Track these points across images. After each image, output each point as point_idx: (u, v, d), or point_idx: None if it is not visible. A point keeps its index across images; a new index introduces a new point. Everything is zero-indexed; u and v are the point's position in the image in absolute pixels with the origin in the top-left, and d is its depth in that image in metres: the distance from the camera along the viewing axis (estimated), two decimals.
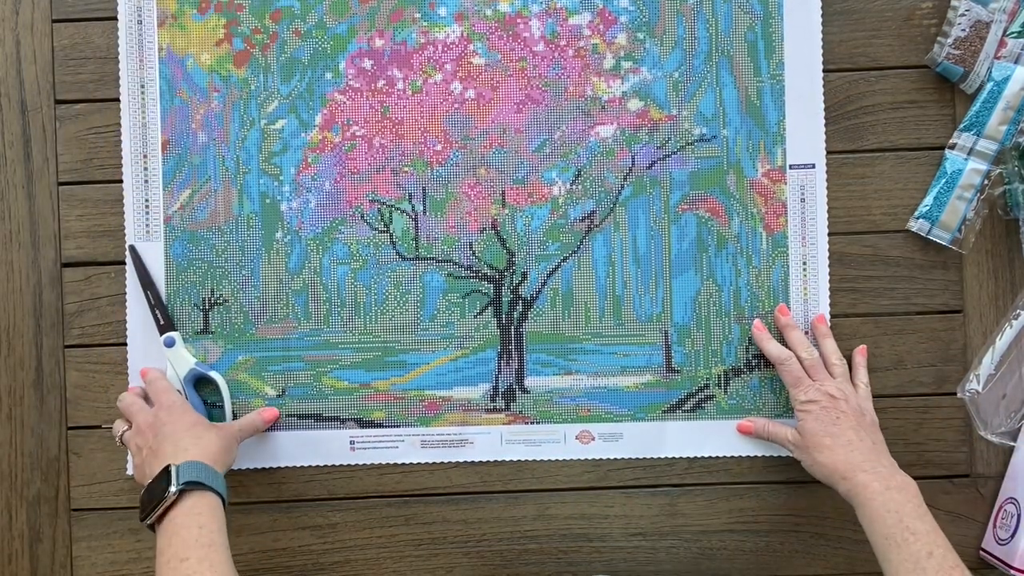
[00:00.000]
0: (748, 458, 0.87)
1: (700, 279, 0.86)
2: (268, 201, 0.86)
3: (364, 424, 0.86)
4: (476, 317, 0.86)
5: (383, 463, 0.86)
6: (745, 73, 0.86)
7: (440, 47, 0.86)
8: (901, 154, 0.87)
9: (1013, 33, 0.84)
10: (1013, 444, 0.85)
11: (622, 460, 0.87)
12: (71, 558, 0.86)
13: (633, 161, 0.86)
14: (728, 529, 0.87)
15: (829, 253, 0.86)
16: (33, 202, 0.86)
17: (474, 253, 0.86)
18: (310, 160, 0.86)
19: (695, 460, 0.87)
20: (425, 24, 0.86)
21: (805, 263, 0.86)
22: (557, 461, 0.87)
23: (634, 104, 0.86)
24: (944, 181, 0.85)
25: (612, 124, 0.86)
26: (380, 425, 0.86)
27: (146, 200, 0.86)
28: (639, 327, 0.86)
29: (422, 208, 0.86)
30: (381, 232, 0.86)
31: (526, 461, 0.87)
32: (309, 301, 0.86)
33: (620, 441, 0.86)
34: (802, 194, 0.86)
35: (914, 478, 0.75)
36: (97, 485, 0.86)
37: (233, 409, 0.85)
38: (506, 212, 0.86)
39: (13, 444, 0.86)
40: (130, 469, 0.85)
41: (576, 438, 0.86)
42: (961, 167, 0.85)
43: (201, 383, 0.85)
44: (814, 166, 0.86)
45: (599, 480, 0.87)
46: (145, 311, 0.85)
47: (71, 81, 0.86)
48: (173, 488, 0.70)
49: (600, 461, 0.87)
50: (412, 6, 0.86)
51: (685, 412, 0.86)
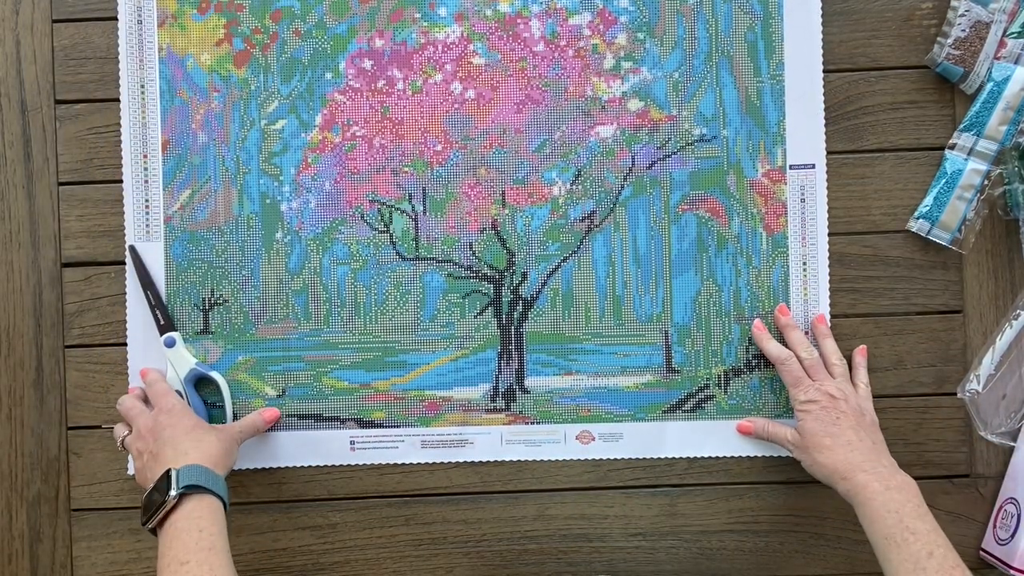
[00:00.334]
0: (748, 458, 0.87)
1: (700, 279, 0.86)
2: (268, 201, 0.86)
3: (364, 424, 0.86)
4: (476, 317, 0.86)
5: (383, 463, 0.86)
6: (745, 73, 0.86)
7: (440, 47, 0.86)
8: (901, 154, 0.87)
9: (1013, 33, 0.84)
10: (1013, 444, 0.85)
11: (622, 460, 0.87)
12: (71, 558, 0.86)
13: (633, 161, 0.86)
14: (728, 529, 0.87)
15: (829, 253, 0.86)
16: (33, 202, 0.86)
17: (474, 253, 0.86)
18: (310, 160, 0.86)
19: (695, 460, 0.87)
20: (425, 24, 0.86)
21: (805, 263, 0.86)
22: (557, 461, 0.87)
23: (634, 104, 0.86)
24: (944, 181, 0.85)
25: (612, 124, 0.86)
26: (380, 425, 0.86)
27: (146, 200, 0.86)
28: (639, 327, 0.86)
29: (422, 208, 0.86)
30: (381, 232, 0.86)
31: (526, 461, 0.87)
32: (309, 301, 0.86)
33: (620, 441, 0.86)
34: (802, 194, 0.86)
35: (914, 478, 0.75)
36: (97, 485, 0.86)
37: (234, 409, 0.85)
38: (506, 212, 0.86)
39: (13, 444, 0.86)
40: (131, 469, 0.85)
41: (576, 438, 0.86)
42: (961, 167, 0.85)
43: (201, 383, 0.85)
44: (814, 166, 0.86)
45: (599, 480, 0.87)
46: (145, 311, 0.85)
47: (71, 81, 0.86)
48: (173, 492, 0.70)
49: (600, 461, 0.87)
50: (412, 6, 0.85)
51: (685, 412, 0.86)
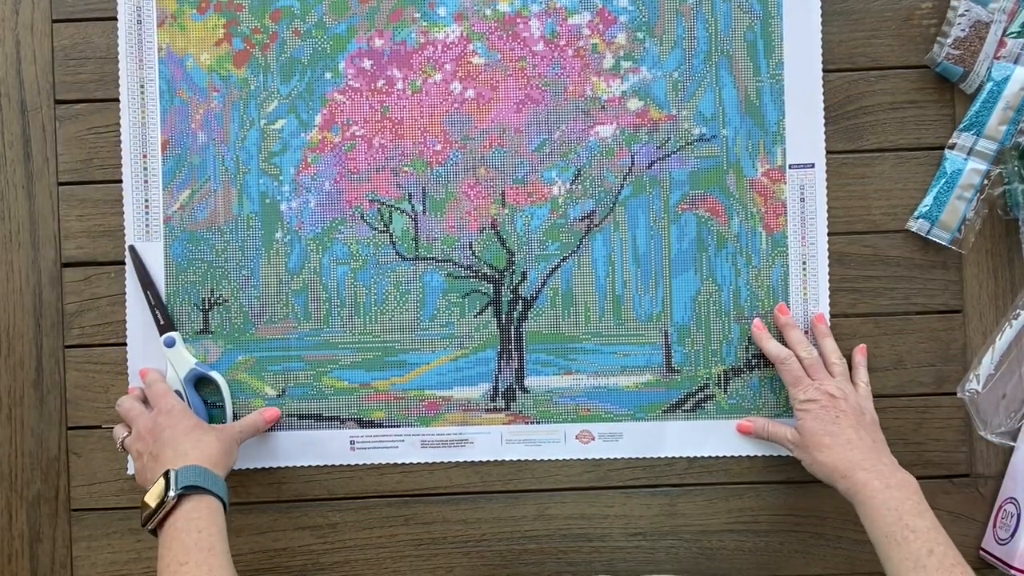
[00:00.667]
0: (748, 458, 0.87)
1: (700, 279, 0.86)
2: (268, 201, 0.86)
3: (364, 424, 0.86)
4: (476, 317, 0.86)
5: (383, 463, 0.86)
6: (744, 73, 0.86)
7: (440, 47, 0.86)
8: (901, 154, 0.87)
9: (1013, 33, 0.84)
10: (1013, 444, 0.85)
11: (622, 460, 0.87)
12: (71, 558, 0.86)
13: (633, 161, 0.86)
14: (728, 529, 0.87)
15: (829, 253, 0.86)
16: (33, 202, 0.86)
17: (474, 253, 0.86)
18: (310, 160, 0.86)
19: (695, 460, 0.87)
20: (425, 24, 0.86)
21: (805, 263, 0.86)
22: (557, 461, 0.87)
23: (634, 104, 0.86)
24: (944, 181, 0.85)
25: (612, 124, 0.86)
26: (380, 425, 0.86)
27: (146, 200, 0.86)
28: (639, 327, 0.86)
29: (422, 208, 0.86)
30: (381, 232, 0.86)
31: (526, 461, 0.87)
32: (309, 301, 0.86)
33: (620, 441, 0.86)
34: (802, 194, 0.86)
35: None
36: (97, 485, 0.86)
37: (233, 409, 0.85)
38: (506, 212, 0.86)
39: (13, 444, 0.86)
40: (131, 469, 0.85)
41: (576, 438, 0.86)
42: (961, 167, 0.85)
43: (201, 383, 0.85)
44: (814, 166, 0.86)
45: (599, 480, 0.87)
46: (145, 311, 0.85)
47: (71, 81, 0.86)
48: (171, 493, 0.70)
49: (600, 461, 0.87)
50: (412, 6, 0.86)
51: (685, 412, 0.86)
